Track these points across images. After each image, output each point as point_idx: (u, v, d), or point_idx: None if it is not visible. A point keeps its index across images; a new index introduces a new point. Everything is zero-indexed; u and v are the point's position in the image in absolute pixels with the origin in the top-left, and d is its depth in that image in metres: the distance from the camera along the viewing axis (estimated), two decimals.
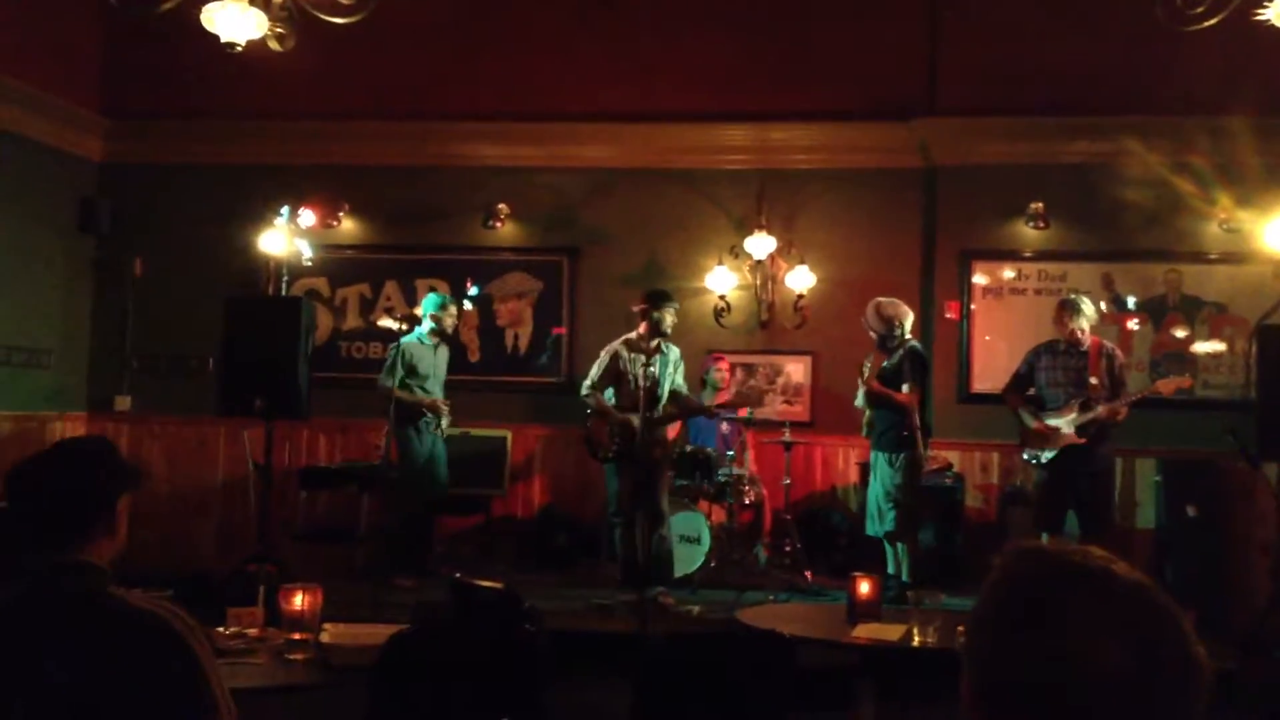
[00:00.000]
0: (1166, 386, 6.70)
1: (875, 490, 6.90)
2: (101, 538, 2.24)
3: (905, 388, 6.73)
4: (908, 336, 6.91)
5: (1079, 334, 6.72)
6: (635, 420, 6.57)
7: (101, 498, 2.25)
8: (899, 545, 6.78)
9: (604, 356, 6.91)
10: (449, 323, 7.70)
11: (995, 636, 1.15)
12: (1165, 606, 1.14)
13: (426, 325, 7.61)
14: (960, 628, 1.22)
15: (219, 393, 7.57)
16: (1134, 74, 8.00)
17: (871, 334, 6.98)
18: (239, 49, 5.21)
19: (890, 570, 6.73)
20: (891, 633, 3.85)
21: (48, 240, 8.73)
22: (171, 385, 8.96)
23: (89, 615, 2.12)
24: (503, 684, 3.15)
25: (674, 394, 6.88)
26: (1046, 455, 6.68)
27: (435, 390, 7.59)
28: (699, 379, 7.89)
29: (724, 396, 7.63)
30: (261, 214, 8.39)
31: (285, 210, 8.26)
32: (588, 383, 6.91)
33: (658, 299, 6.79)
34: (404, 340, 7.47)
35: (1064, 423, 6.62)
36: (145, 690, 2.06)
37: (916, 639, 3.77)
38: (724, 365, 8.08)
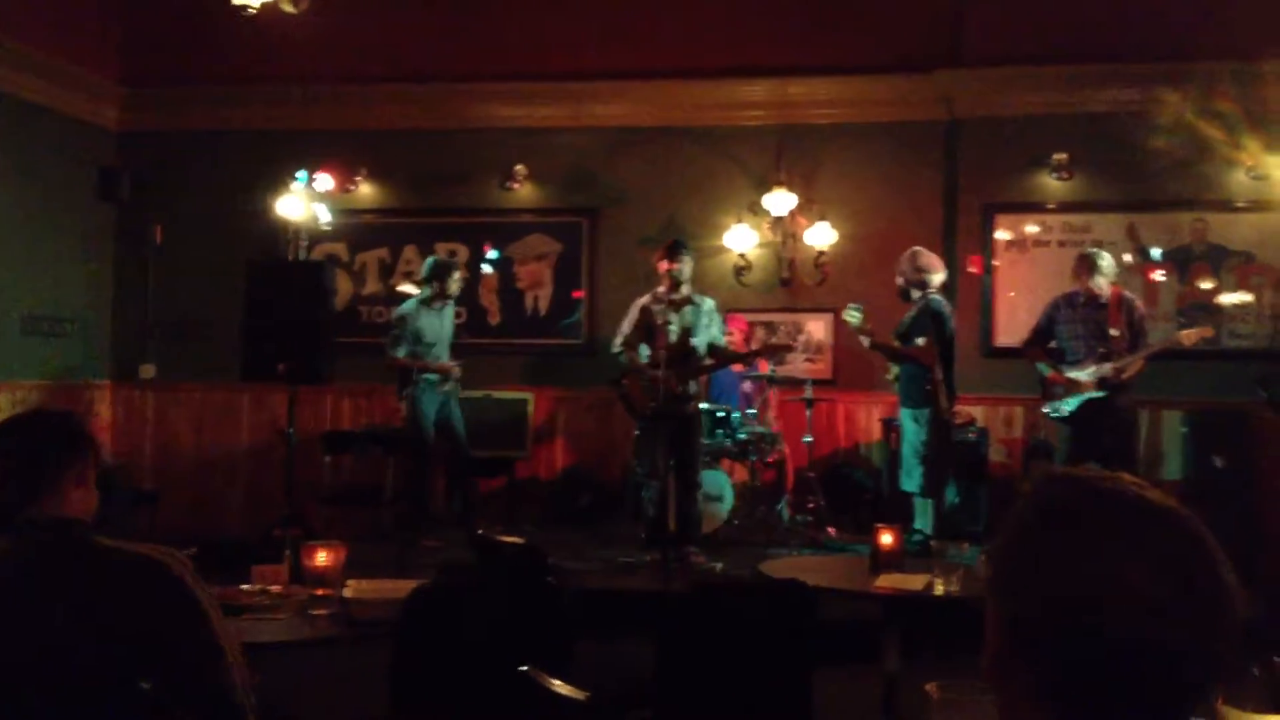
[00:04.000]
0: (1188, 337, 6.61)
1: (905, 447, 6.87)
2: (74, 491, 2.27)
3: (920, 341, 6.68)
4: (932, 292, 6.83)
5: (1096, 290, 6.62)
6: (669, 375, 6.50)
7: (65, 454, 2.29)
8: (924, 501, 6.76)
9: (633, 311, 6.87)
10: (454, 288, 7.61)
11: (1024, 561, 1.13)
12: (1198, 532, 1.11)
13: (425, 290, 7.52)
14: (982, 556, 1.20)
15: (243, 358, 7.60)
16: (1159, 19, 7.86)
17: (899, 280, 6.89)
18: (252, 12, 5.18)
19: (918, 525, 6.71)
20: (914, 582, 3.83)
21: (68, 210, 8.76)
22: (195, 352, 8.99)
23: (80, 562, 2.13)
24: (526, 636, 3.15)
25: (711, 345, 6.82)
26: (1067, 408, 6.62)
27: (443, 354, 7.55)
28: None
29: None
30: (280, 180, 8.40)
31: (303, 175, 8.25)
32: (619, 340, 6.87)
33: (672, 250, 6.75)
34: (405, 307, 7.46)
35: (1084, 375, 6.56)
36: (144, 633, 2.06)
37: (939, 588, 3.75)
38: (736, 327, 7.98)
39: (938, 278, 6.87)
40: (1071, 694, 1.08)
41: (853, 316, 6.81)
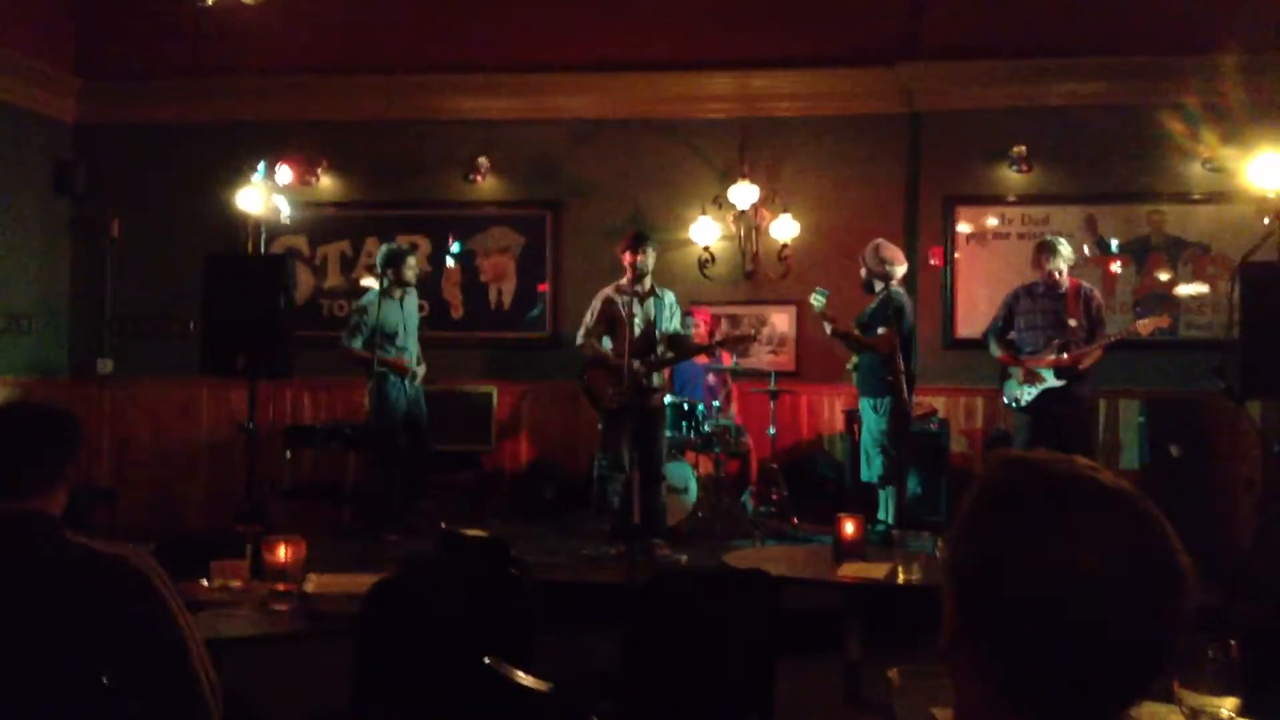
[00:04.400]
0: (1144, 327, 6.70)
1: (864, 437, 6.92)
2: (46, 487, 2.24)
3: (880, 330, 6.71)
4: (894, 285, 6.89)
5: (1056, 275, 6.73)
6: (634, 367, 6.51)
7: (47, 452, 2.25)
8: (886, 491, 6.80)
9: (596, 303, 6.86)
10: (410, 274, 7.54)
11: (978, 543, 1.13)
12: (1151, 514, 1.12)
13: (385, 280, 7.45)
14: (940, 540, 1.20)
15: (202, 353, 7.51)
16: (1117, 13, 7.93)
17: (862, 272, 6.97)
18: (209, 3, 5.12)
19: (881, 515, 6.75)
20: (876, 571, 3.86)
21: (23, 204, 8.63)
22: (153, 347, 8.89)
23: (46, 560, 2.11)
24: (489, 628, 3.14)
25: (672, 338, 6.83)
26: (1026, 398, 6.70)
27: (409, 344, 7.52)
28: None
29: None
30: (240, 172, 8.30)
31: (262, 166, 8.16)
32: (582, 331, 6.86)
33: (634, 241, 6.75)
34: (366, 299, 7.41)
35: (1042, 365, 6.63)
36: (110, 630, 2.05)
37: (901, 576, 3.78)
38: (701, 319, 7.99)
39: (900, 270, 6.94)
40: (1026, 675, 1.09)
41: (817, 300, 6.85)
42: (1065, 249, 6.79)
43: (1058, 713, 1.09)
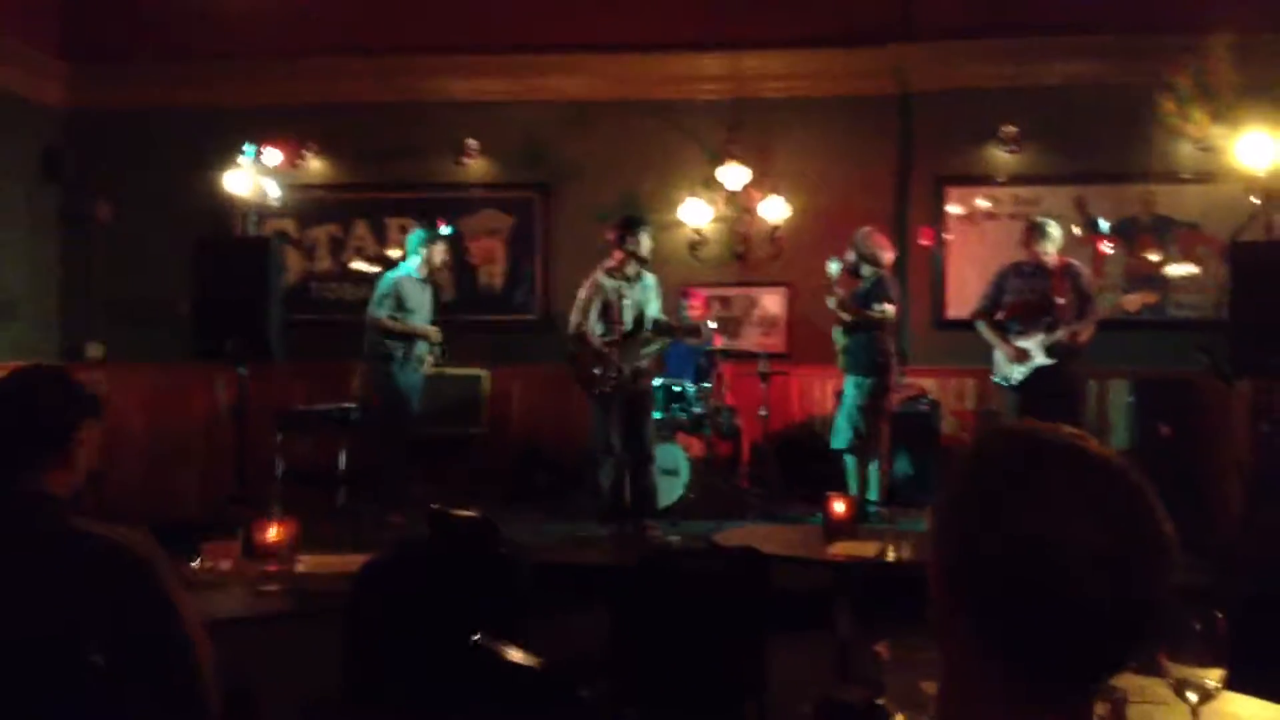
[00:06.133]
0: (1131, 303, 6.72)
1: (841, 408, 6.96)
2: (57, 468, 2.20)
3: (889, 307, 6.76)
4: (882, 271, 6.93)
5: (1044, 256, 6.73)
6: (622, 351, 6.51)
7: (55, 426, 2.21)
8: (867, 465, 6.83)
9: (586, 288, 6.84)
10: (438, 259, 7.59)
11: (966, 512, 1.13)
12: (1137, 483, 1.13)
13: (414, 260, 7.50)
14: (928, 509, 1.21)
15: (192, 336, 7.49)
16: None
17: (850, 256, 6.97)
18: None
19: (852, 490, 6.77)
20: (867, 549, 3.87)
21: (11, 189, 8.59)
22: (143, 331, 8.85)
23: (48, 543, 2.09)
24: (479, 608, 3.15)
25: (656, 322, 6.83)
26: (1016, 377, 6.71)
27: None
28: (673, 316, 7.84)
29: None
30: (227, 156, 8.27)
31: (249, 149, 8.13)
32: (575, 318, 6.83)
33: (632, 224, 6.73)
34: (393, 274, 7.43)
35: (1032, 344, 6.64)
36: (110, 616, 2.04)
37: (891, 554, 3.80)
38: (696, 301, 7.99)
39: (887, 257, 6.98)
40: (1013, 644, 1.10)
41: (834, 267, 6.91)
42: (1055, 231, 6.80)
43: (1042, 681, 1.10)
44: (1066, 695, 1.11)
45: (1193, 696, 1.79)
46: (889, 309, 6.76)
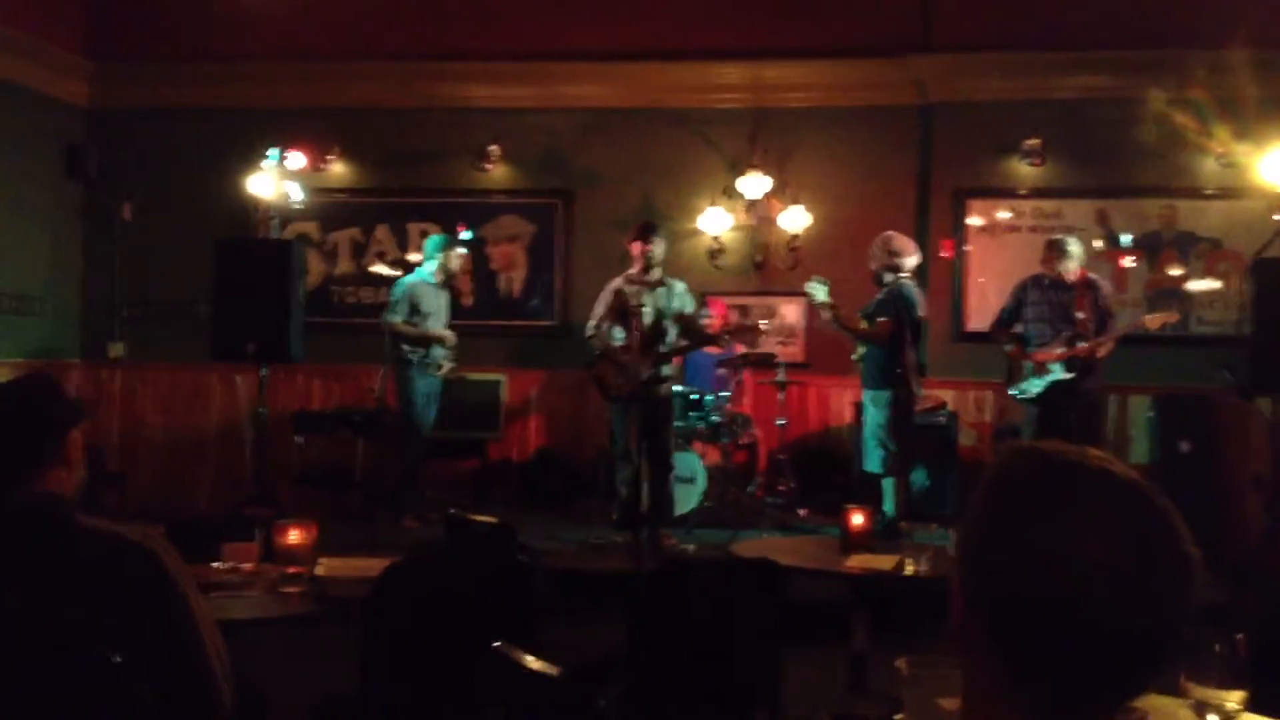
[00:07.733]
0: (1153, 321, 6.67)
1: (865, 428, 6.90)
2: (55, 468, 2.23)
3: (878, 321, 6.62)
4: (904, 276, 6.77)
5: (1064, 274, 6.67)
6: (641, 357, 6.52)
7: (53, 426, 2.25)
8: (888, 482, 6.78)
9: (606, 293, 6.86)
10: (455, 264, 7.63)
11: (989, 531, 1.14)
12: (1161, 504, 1.12)
13: (430, 265, 7.54)
14: (954, 529, 1.21)
15: (212, 338, 7.54)
16: (1131, 6, 7.91)
17: (872, 265, 6.81)
18: None
19: (885, 507, 6.72)
20: (884, 563, 3.86)
21: (35, 188, 8.65)
22: (164, 331, 8.91)
23: (58, 541, 2.11)
24: (497, 614, 3.16)
25: (687, 322, 6.82)
26: (1034, 390, 6.67)
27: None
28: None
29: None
30: (250, 158, 8.32)
31: (274, 152, 8.18)
32: (592, 323, 6.85)
33: (644, 231, 6.76)
34: (408, 279, 7.46)
35: (1051, 359, 6.60)
36: (120, 612, 2.05)
37: (909, 568, 3.78)
38: (716, 311, 7.99)
39: (911, 261, 6.80)
40: (1034, 664, 1.10)
41: (816, 289, 6.70)
42: (1076, 249, 6.73)
43: (1063, 702, 1.10)
44: (1089, 717, 1.11)
45: (1213, 718, 1.78)
46: (878, 323, 6.59)
